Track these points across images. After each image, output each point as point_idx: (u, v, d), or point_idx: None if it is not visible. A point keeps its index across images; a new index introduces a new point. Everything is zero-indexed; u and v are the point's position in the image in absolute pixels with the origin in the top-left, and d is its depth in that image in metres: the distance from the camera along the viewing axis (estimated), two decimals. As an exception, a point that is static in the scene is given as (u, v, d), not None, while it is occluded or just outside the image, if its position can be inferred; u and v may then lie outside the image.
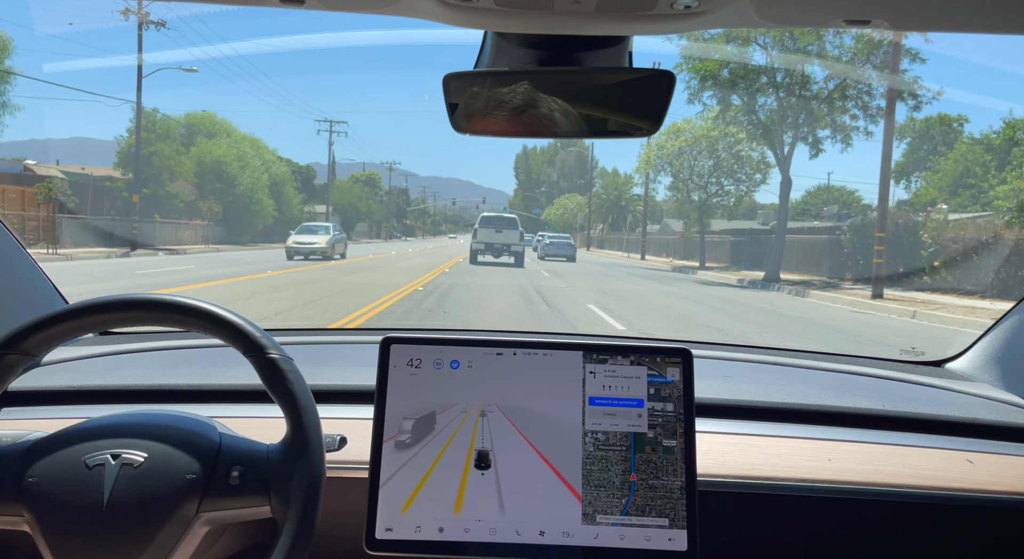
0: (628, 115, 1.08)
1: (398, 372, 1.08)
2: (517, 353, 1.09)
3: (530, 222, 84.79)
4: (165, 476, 0.92)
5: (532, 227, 77.94)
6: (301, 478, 0.91)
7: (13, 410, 1.30)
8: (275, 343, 0.96)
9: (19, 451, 0.94)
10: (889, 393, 1.46)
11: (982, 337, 1.63)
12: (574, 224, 70.98)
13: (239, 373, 1.35)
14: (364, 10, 0.94)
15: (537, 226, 76.26)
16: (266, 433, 1.04)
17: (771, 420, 1.33)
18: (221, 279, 14.38)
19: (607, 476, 1.04)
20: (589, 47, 1.05)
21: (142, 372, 1.44)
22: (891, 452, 1.23)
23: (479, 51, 1.10)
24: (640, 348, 1.09)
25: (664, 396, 1.07)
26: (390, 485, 1.03)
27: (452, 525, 1.03)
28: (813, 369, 1.62)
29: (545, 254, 31.93)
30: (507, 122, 1.07)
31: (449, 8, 0.90)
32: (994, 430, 1.32)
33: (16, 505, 0.91)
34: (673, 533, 1.03)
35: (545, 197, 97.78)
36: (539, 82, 1.05)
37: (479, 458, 1.05)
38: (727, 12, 0.89)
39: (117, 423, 0.97)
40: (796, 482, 1.16)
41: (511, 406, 1.07)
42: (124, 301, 0.96)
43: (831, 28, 0.92)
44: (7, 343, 0.95)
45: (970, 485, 1.16)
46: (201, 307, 0.96)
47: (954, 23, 0.92)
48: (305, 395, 0.95)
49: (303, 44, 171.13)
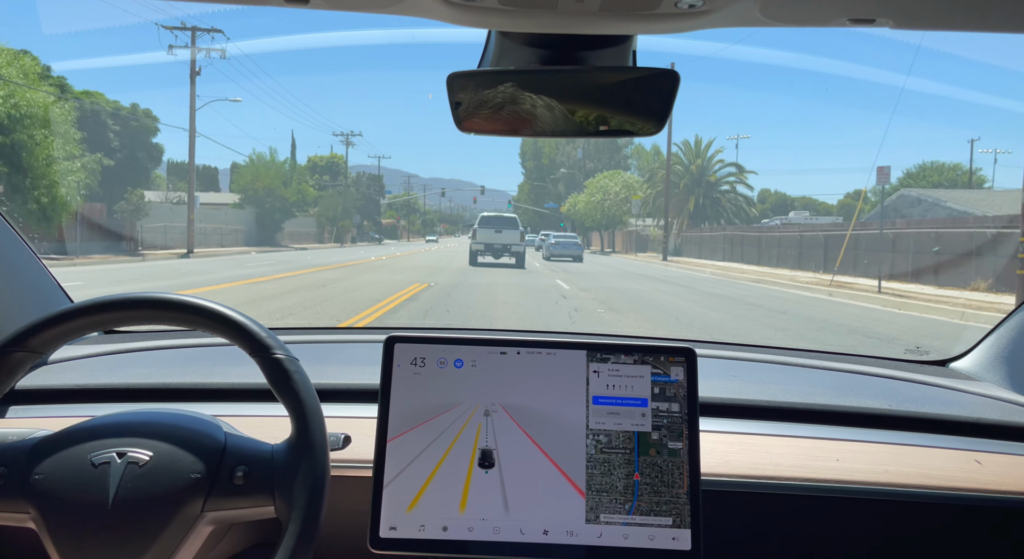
0: (632, 114, 1.07)
1: (402, 371, 1.08)
2: (521, 352, 1.09)
3: (538, 220, 70.60)
4: (170, 475, 0.92)
5: (544, 224, 65.06)
6: (305, 478, 0.91)
7: (19, 408, 1.30)
8: (280, 343, 0.97)
9: (25, 449, 0.95)
10: (894, 393, 1.46)
11: (987, 336, 1.62)
12: (620, 215, 47.76)
13: (244, 372, 1.35)
14: (368, 9, 0.94)
15: (551, 224, 60.51)
16: (271, 432, 1.05)
17: (776, 419, 1.33)
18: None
19: (611, 475, 1.04)
20: (593, 46, 1.05)
21: (147, 371, 1.45)
22: (897, 452, 1.23)
23: (483, 50, 1.10)
24: (644, 347, 1.09)
25: (669, 396, 1.07)
26: (394, 484, 1.04)
27: (456, 524, 1.03)
28: (817, 369, 1.61)
29: (551, 254, 30.82)
30: (510, 121, 1.07)
31: (453, 7, 0.90)
32: (1001, 430, 1.32)
33: (22, 502, 0.91)
34: (677, 532, 1.03)
35: (564, 184, 74.80)
36: (543, 81, 1.05)
37: (483, 457, 1.05)
38: (731, 11, 0.89)
39: (123, 422, 0.98)
40: (801, 482, 1.16)
41: (515, 405, 1.07)
42: (130, 300, 0.97)
43: (835, 27, 0.92)
44: (14, 341, 0.95)
45: (978, 485, 1.16)
46: (207, 306, 0.96)
47: (960, 22, 0.91)
48: (310, 395, 0.95)
49: (306, 44, 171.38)
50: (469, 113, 1.07)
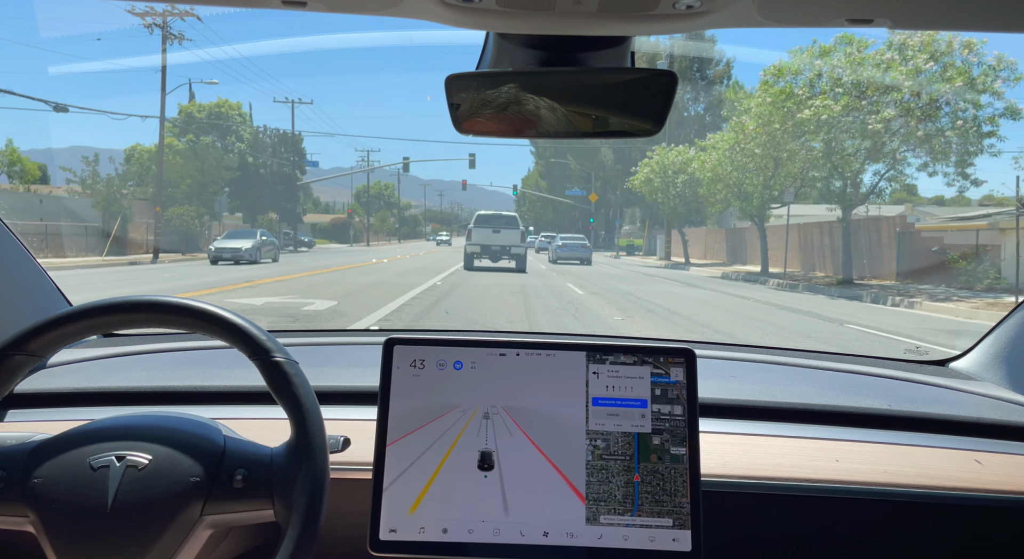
0: (631, 115, 1.08)
1: (401, 373, 1.08)
2: (520, 354, 1.09)
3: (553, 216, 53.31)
4: (169, 478, 0.92)
5: (562, 221, 50.60)
6: (305, 481, 0.91)
7: (18, 412, 1.30)
8: (279, 346, 0.96)
9: (24, 452, 0.95)
10: (894, 393, 1.46)
11: (987, 336, 1.62)
12: (756, 197, 21.08)
13: (243, 375, 1.35)
14: (366, 11, 0.94)
15: (570, 222, 47.11)
16: (270, 435, 1.04)
17: (775, 420, 1.33)
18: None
19: (611, 477, 1.04)
20: (591, 47, 1.05)
21: (146, 374, 1.45)
22: (897, 452, 1.23)
23: (481, 52, 1.10)
24: (643, 348, 1.09)
25: (671, 398, 1.07)
26: (394, 486, 1.04)
27: (456, 526, 1.03)
28: (817, 369, 1.61)
29: (558, 257, 29.25)
30: (509, 122, 1.07)
31: (451, 9, 0.90)
32: (1001, 430, 1.32)
33: (21, 506, 0.91)
34: (677, 534, 1.02)
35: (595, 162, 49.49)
36: (541, 83, 1.05)
37: (483, 459, 1.05)
38: (729, 12, 0.89)
39: (122, 425, 0.98)
40: (801, 482, 1.16)
41: (514, 407, 1.07)
42: (129, 303, 0.97)
43: (833, 27, 0.92)
44: (13, 344, 0.95)
45: (978, 485, 1.16)
46: (206, 310, 0.96)
47: (957, 22, 0.92)
48: (309, 398, 0.95)
49: (304, 46, 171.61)
50: (467, 115, 1.07)
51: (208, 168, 33.14)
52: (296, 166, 44.01)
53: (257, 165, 40.45)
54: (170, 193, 31.06)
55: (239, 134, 39.02)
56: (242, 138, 39.16)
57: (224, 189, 35.35)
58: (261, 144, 41.84)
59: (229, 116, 38.60)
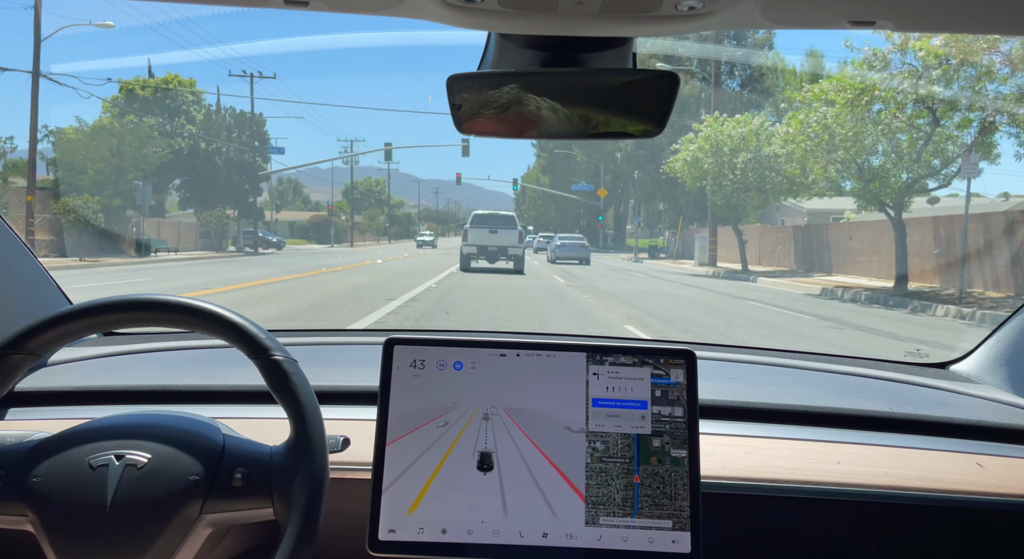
0: (632, 116, 1.07)
1: (401, 373, 1.08)
2: (520, 354, 1.09)
3: (556, 214, 48.27)
4: (169, 477, 0.92)
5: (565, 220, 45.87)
6: (304, 480, 0.91)
7: (18, 410, 1.30)
8: (279, 345, 0.96)
9: (23, 451, 0.95)
10: (894, 395, 1.45)
11: (987, 339, 1.62)
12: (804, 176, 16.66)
13: (243, 374, 1.35)
14: (368, 11, 0.94)
15: (573, 220, 42.65)
16: (269, 434, 1.04)
17: (776, 422, 1.32)
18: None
19: (611, 479, 1.04)
20: (593, 48, 1.05)
21: (146, 373, 1.45)
22: (898, 454, 1.23)
23: (483, 52, 1.10)
24: (643, 349, 1.09)
25: (671, 399, 1.07)
26: (393, 486, 1.03)
27: (455, 526, 1.03)
28: (817, 371, 1.61)
29: (556, 257, 28.99)
30: (510, 123, 1.07)
31: (452, 9, 0.90)
32: (1002, 433, 1.31)
33: (20, 505, 0.91)
34: (677, 535, 1.02)
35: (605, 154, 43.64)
36: (542, 83, 1.04)
37: (482, 459, 1.04)
38: (731, 13, 0.89)
39: (121, 424, 0.97)
40: (801, 484, 1.15)
41: (514, 407, 1.06)
42: (129, 302, 0.97)
43: (835, 29, 0.92)
44: (13, 343, 0.95)
45: (979, 488, 1.16)
46: (205, 308, 0.96)
47: (960, 24, 0.92)
48: (309, 397, 0.95)
49: (306, 46, 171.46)
50: (469, 115, 1.07)
51: (127, 150, 25.32)
52: (257, 152, 35.88)
53: (211, 151, 33.43)
54: (74, 181, 24.23)
55: (190, 115, 32.26)
56: (194, 120, 32.36)
57: (151, 177, 28.00)
58: (215, 127, 34.05)
59: (179, 94, 31.30)
